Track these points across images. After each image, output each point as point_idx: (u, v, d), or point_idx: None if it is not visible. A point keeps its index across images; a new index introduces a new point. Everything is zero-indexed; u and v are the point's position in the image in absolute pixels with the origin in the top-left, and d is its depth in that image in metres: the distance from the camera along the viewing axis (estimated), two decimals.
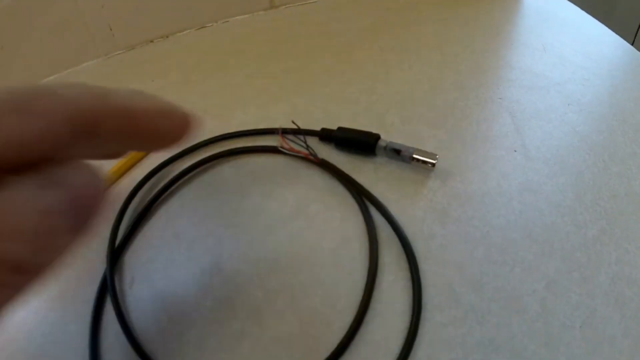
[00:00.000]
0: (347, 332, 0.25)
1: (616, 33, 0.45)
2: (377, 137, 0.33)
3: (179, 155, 0.35)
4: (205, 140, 0.36)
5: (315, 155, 0.33)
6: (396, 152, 0.32)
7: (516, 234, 0.29)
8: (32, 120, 0.13)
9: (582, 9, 0.49)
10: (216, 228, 0.31)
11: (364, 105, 0.38)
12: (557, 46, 0.43)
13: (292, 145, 0.34)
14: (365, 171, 0.33)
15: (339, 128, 0.34)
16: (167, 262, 0.30)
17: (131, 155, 0.36)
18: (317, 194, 0.32)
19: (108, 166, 0.35)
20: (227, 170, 0.35)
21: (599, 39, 0.44)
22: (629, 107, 0.36)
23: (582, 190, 0.31)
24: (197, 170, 0.35)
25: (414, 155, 0.31)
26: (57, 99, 0.14)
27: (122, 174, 0.35)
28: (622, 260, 0.27)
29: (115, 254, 0.30)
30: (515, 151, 0.33)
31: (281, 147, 0.34)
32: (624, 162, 0.32)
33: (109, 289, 0.28)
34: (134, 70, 0.47)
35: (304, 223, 0.30)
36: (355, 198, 0.31)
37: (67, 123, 0.14)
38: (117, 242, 0.31)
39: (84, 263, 0.30)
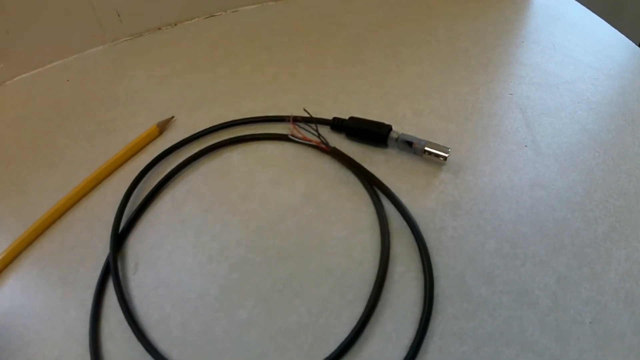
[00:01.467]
0: (358, 323, 0.24)
1: (624, 35, 0.45)
2: (389, 128, 0.33)
3: (186, 141, 0.35)
4: (213, 127, 0.36)
5: (326, 144, 0.32)
6: (408, 144, 0.32)
7: (527, 228, 0.28)
8: None
9: (591, 10, 0.49)
10: (224, 215, 0.31)
11: (375, 97, 0.38)
12: (567, 45, 0.43)
13: (303, 133, 0.34)
14: (376, 162, 0.32)
15: (351, 118, 0.34)
16: (172, 249, 0.29)
17: (136, 140, 0.35)
18: (327, 183, 0.32)
19: (114, 150, 0.35)
20: (236, 157, 0.34)
21: (607, 40, 0.44)
22: (638, 108, 0.36)
23: (592, 187, 0.30)
24: (205, 156, 0.34)
25: (426, 148, 0.31)
26: None
27: (127, 159, 0.35)
28: (631, 258, 0.27)
29: (119, 238, 0.30)
30: (526, 146, 0.33)
31: (292, 134, 0.34)
32: (633, 161, 0.32)
33: (112, 274, 0.28)
34: (142, 56, 0.47)
35: (314, 211, 0.30)
36: (366, 188, 0.30)
37: None
38: (121, 227, 0.30)
39: (86, 248, 0.30)
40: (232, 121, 0.36)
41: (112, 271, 0.28)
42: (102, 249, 0.29)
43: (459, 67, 0.41)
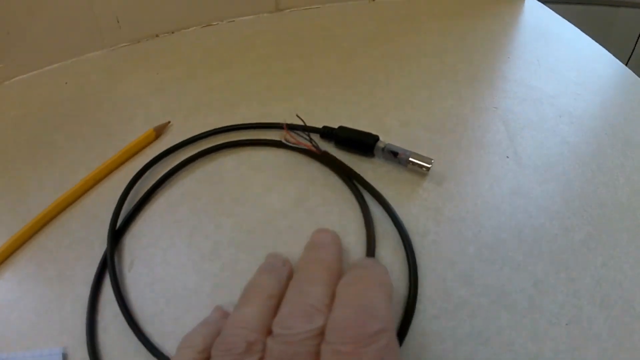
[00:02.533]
0: None
1: (612, 53, 0.47)
2: (376, 138, 0.34)
3: (182, 144, 0.36)
4: (208, 131, 0.37)
5: (317, 147, 0.33)
6: (393, 154, 0.33)
7: (506, 234, 0.30)
8: None
9: (580, 28, 0.51)
10: (217, 216, 0.32)
11: (364, 108, 0.40)
12: (552, 61, 0.45)
13: (296, 138, 0.35)
14: (363, 170, 0.33)
15: (340, 127, 0.35)
16: (167, 247, 0.30)
17: (133, 143, 0.36)
18: (317, 188, 0.33)
19: (111, 152, 0.36)
20: (229, 161, 0.35)
21: (592, 57, 0.46)
22: (619, 122, 0.38)
23: (571, 197, 0.32)
24: (200, 160, 0.35)
25: (411, 159, 0.32)
26: None
27: (124, 161, 0.36)
28: (607, 264, 0.28)
29: (116, 236, 0.30)
30: (507, 157, 0.35)
31: (285, 140, 0.35)
32: (611, 173, 0.33)
33: (108, 270, 0.28)
34: (139, 62, 0.48)
35: (303, 215, 0.31)
36: (354, 192, 0.32)
37: None
38: (118, 225, 0.31)
39: (83, 245, 0.31)
40: (226, 126, 0.37)
41: (109, 267, 0.28)
42: (98, 247, 0.30)
43: (446, 81, 0.43)
